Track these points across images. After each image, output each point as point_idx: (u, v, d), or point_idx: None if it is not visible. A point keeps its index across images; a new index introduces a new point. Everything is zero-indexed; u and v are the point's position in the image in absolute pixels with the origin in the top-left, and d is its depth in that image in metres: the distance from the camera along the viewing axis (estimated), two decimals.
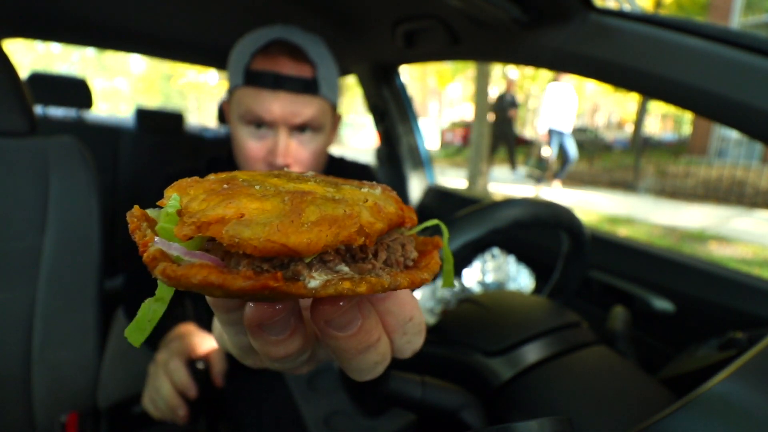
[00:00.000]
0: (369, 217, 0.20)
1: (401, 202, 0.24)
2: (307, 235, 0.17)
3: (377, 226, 0.19)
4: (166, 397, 0.63)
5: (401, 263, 0.22)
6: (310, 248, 0.17)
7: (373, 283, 0.19)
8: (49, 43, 1.88)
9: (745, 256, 3.97)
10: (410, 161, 1.55)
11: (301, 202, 0.18)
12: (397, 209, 0.22)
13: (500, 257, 1.08)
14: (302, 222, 0.17)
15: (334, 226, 0.18)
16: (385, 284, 0.19)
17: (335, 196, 0.20)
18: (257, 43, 0.76)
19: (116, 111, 31.02)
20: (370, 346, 0.23)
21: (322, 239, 0.17)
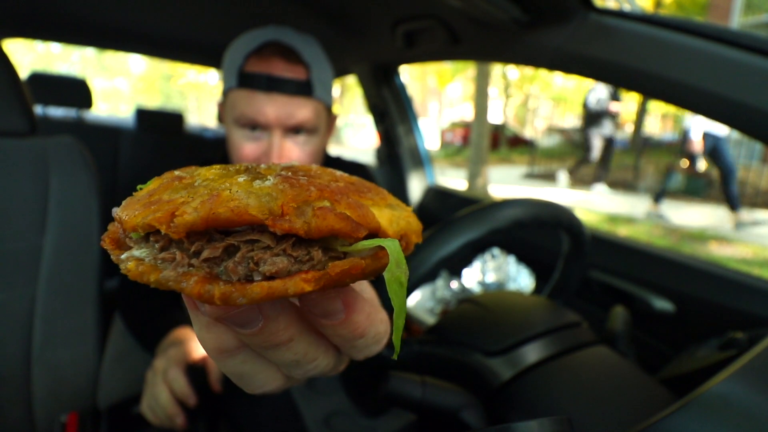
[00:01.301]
0: (191, 207, 0.18)
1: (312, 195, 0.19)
2: (129, 212, 0.19)
3: (186, 218, 0.17)
4: (164, 406, 0.63)
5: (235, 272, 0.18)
6: (126, 224, 0.19)
7: (141, 272, 0.18)
8: (49, 43, 1.88)
9: (745, 256, 3.97)
10: (410, 161, 1.55)
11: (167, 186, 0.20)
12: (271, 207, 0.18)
13: (500, 257, 1.08)
14: (145, 202, 0.19)
15: (149, 208, 0.18)
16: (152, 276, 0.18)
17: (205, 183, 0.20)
18: (250, 45, 0.76)
19: (116, 111, 31.03)
20: (279, 345, 0.21)
21: (134, 218, 0.18)
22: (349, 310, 0.21)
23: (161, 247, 0.19)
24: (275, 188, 0.19)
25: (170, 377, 0.64)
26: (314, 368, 0.24)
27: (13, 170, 0.76)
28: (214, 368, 0.68)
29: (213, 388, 0.67)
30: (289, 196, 0.18)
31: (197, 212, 0.17)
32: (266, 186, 0.19)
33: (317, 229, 0.18)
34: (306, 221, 0.18)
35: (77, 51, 25.66)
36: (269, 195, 0.18)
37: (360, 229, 0.19)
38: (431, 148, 16.40)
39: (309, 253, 0.19)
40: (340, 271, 0.19)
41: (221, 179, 0.19)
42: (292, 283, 0.18)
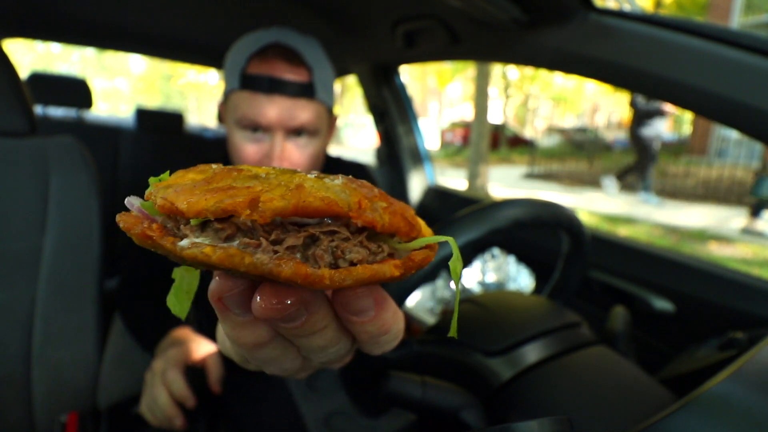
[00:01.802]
0: (277, 194, 0.18)
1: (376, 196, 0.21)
2: (192, 198, 0.18)
3: (276, 203, 0.17)
4: (163, 407, 0.63)
5: (322, 258, 0.19)
6: (189, 209, 0.17)
7: (230, 254, 0.17)
8: (49, 43, 1.88)
9: (745, 256, 3.97)
10: (410, 161, 1.55)
11: (225, 174, 0.19)
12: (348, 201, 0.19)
13: (500, 257, 1.08)
14: (205, 188, 0.18)
15: (221, 193, 0.18)
16: (247, 261, 0.17)
17: (270, 175, 0.20)
18: (253, 47, 0.76)
19: (116, 111, 31.03)
20: (314, 333, 0.22)
21: (201, 203, 0.17)
22: (378, 308, 0.22)
23: (228, 235, 0.18)
24: (347, 186, 0.20)
25: (169, 378, 0.64)
26: (336, 352, 0.25)
27: (13, 170, 0.76)
28: (213, 369, 0.68)
29: (212, 389, 0.67)
30: (362, 194, 0.20)
31: (286, 199, 0.18)
32: (337, 184, 0.20)
33: (390, 225, 0.20)
34: (381, 218, 0.20)
35: (77, 51, 25.67)
36: (344, 192, 0.19)
37: (414, 229, 0.22)
38: (431, 148, 16.41)
39: (380, 246, 0.21)
40: (420, 259, 0.22)
41: (285, 175, 0.20)
42: (387, 267, 0.20)
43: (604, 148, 14.25)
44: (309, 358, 0.26)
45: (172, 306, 0.25)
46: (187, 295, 0.26)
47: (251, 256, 0.17)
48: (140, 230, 0.19)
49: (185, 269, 0.26)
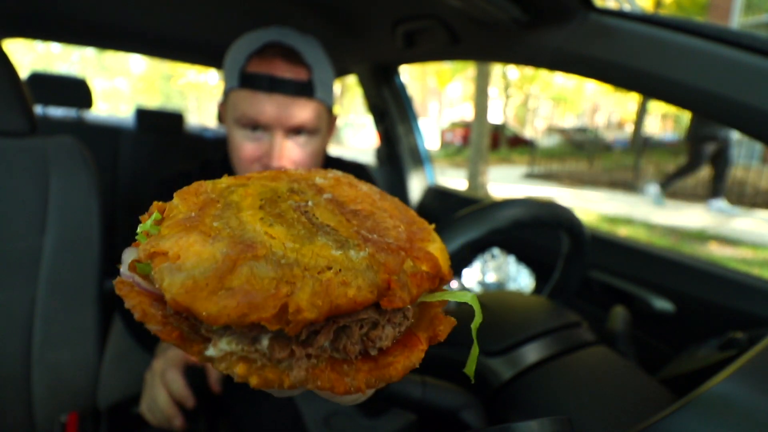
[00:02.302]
0: (305, 299, 0.17)
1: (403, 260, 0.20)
2: (213, 307, 0.16)
3: (306, 315, 0.16)
4: (162, 407, 0.63)
5: (353, 351, 0.19)
6: (210, 320, 0.16)
7: (268, 379, 0.17)
8: (49, 43, 1.88)
9: (745, 256, 3.97)
10: (410, 161, 1.55)
11: (238, 258, 0.17)
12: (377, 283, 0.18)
13: (500, 257, 1.08)
14: (220, 287, 0.16)
15: (245, 304, 0.16)
16: (286, 384, 0.17)
17: (289, 254, 0.18)
18: (252, 46, 0.76)
19: (116, 111, 31.03)
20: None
21: (224, 316, 0.16)
22: None
23: (253, 337, 0.17)
24: (373, 260, 0.19)
25: (168, 379, 0.64)
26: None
27: (13, 170, 0.76)
28: (213, 369, 0.68)
29: (212, 389, 0.67)
30: (390, 267, 0.20)
31: (317, 308, 0.17)
32: (363, 257, 0.19)
33: (417, 297, 0.21)
34: (409, 292, 0.20)
35: (77, 51, 25.67)
36: (371, 269, 0.19)
37: (436, 280, 0.22)
38: (431, 148, 16.41)
39: (405, 314, 0.21)
40: (446, 333, 0.22)
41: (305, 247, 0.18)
42: (415, 356, 0.21)
43: (604, 148, 14.24)
44: None
45: None
46: None
47: (289, 377, 0.17)
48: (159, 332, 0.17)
49: None
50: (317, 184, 0.25)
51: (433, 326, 0.22)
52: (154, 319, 0.17)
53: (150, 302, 0.18)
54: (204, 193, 0.21)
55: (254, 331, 0.17)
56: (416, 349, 0.21)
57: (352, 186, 0.26)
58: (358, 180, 0.28)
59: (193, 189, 0.22)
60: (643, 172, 8.40)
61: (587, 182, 8.25)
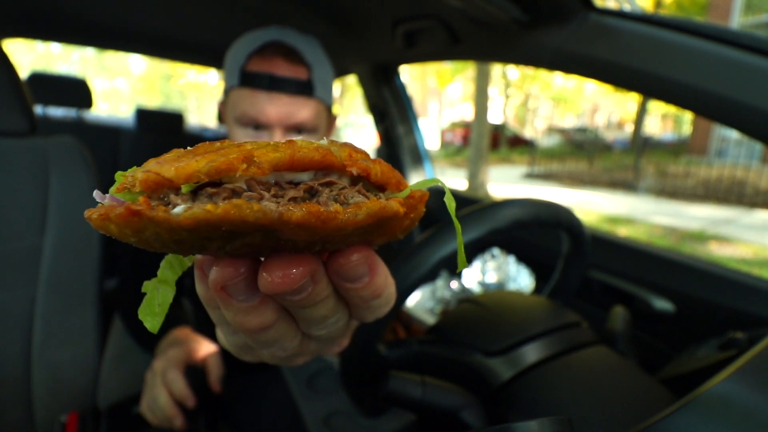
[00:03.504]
0: (271, 146, 0.17)
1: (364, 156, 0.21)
2: (181, 164, 0.16)
3: (272, 155, 0.17)
4: (163, 407, 0.63)
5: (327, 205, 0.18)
6: (178, 174, 0.16)
7: (235, 204, 0.16)
8: (49, 43, 1.88)
9: (745, 256, 3.97)
10: (410, 161, 1.55)
11: (207, 146, 0.18)
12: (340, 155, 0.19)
13: (500, 257, 1.08)
14: (190, 155, 0.17)
15: (212, 154, 0.16)
16: (255, 208, 0.16)
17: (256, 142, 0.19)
18: (253, 45, 0.76)
19: (116, 111, 31.02)
20: (318, 302, 0.23)
21: (192, 165, 0.16)
22: (372, 274, 0.23)
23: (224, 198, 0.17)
24: (334, 144, 0.20)
25: (169, 379, 0.64)
26: (334, 323, 0.26)
27: (13, 170, 0.76)
28: (213, 369, 0.68)
29: (213, 389, 0.67)
30: (350, 148, 0.20)
31: (281, 151, 0.17)
32: (325, 143, 0.20)
33: (382, 174, 0.21)
34: (372, 168, 0.20)
35: (77, 51, 25.67)
36: (333, 146, 0.19)
37: (402, 182, 0.22)
38: (431, 148, 16.41)
39: (377, 194, 0.21)
40: (419, 195, 0.22)
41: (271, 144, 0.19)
42: (394, 203, 0.20)
43: (604, 148, 14.25)
44: (309, 334, 0.26)
45: (144, 320, 0.24)
46: (160, 308, 0.24)
47: (258, 204, 0.16)
48: (122, 210, 0.16)
49: (158, 281, 0.24)
50: None
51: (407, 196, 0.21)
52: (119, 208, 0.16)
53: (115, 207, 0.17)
54: None
55: (224, 194, 0.17)
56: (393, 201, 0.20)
57: None
58: None
59: None
60: (643, 172, 8.40)
61: (587, 182, 8.26)
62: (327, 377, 0.78)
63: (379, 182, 0.21)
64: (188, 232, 0.16)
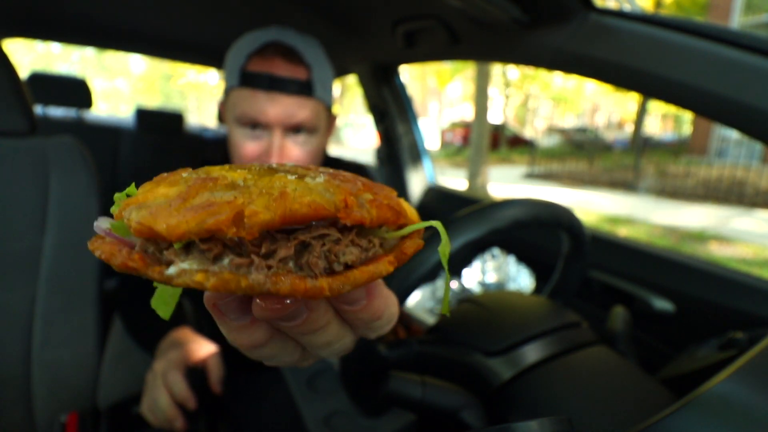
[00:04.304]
0: (262, 204, 0.17)
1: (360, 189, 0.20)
2: (172, 220, 0.16)
3: (261, 217, 0.17)
4: (164, 409, 0.63)
5: (317, 266, 0.19)
6: (170, 233, 0.16)
7: (224, 279, 0.17)
8: (49, 43, 1.88)
9: (745, 256, 3.97)
10: (410, 161, 1.55)
11: (200, 187, 0.18)
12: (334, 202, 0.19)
13: (500, 257, 1.08)
14: (182, 207, 0.17)
15: (203, 212, 0.16)
16: (243, 284, 0.17)
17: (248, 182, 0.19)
18: (253, 45, 0.77)
19: (116, 111, 31.02)
20: (316, 330, 0.23)
21: (183, 226, 0.16)
22: (370, 297, 0.23)
23: (216, 255, 0.17)
24: (330, 184, 0.20)
25: (170, 380, 0.64)
26: (341, 347, 0.26)
27: (13, 170, 0.76)
28: (213, 369, 0.68)
29: (213, 390, 0.67)
30: (347, 191, 0.20)
31: (271, 211, 0.17)
32: (320, 183, 0.19)
33: (377, 219, 0.20)
34: (368, 212, 0.20)
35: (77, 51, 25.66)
36: (328, 191, 0.19)
37: (401, 216, 0.22)
38: (431, 148, 16.41)
39: (370, 240, 0.21)
40: (412, 251, 0.22)
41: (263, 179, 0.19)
42: (382, 265, 0.20)
43: (604, 148, 14.26)
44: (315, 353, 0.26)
45: (157, 307, 0.25)
46: (172, 297, 0.25)
47: (247, 279, 0.17)
48: (120, 261, 0.18)
49: None
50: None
51: (399, 248, 0.22)
52: (119, 256, 0.18)
53: (119, 247, 0.19)
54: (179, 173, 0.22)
55: (215, 250, 0.17)
56: (383, 260, 0.20)
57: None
58: None
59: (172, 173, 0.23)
60: (643, 172, 8.40)
61: (587, 182, 8.26)
62: (327, 377, 0.78)
63: (374, 225, 0.20)
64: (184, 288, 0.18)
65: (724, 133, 10.58)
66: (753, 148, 9.52)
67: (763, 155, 9.24)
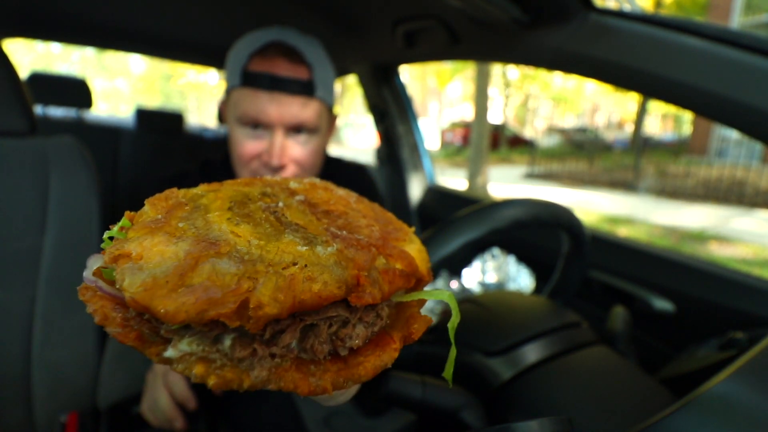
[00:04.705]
0: (267, 294, 0.16)
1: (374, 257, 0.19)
2: (171, 304, 0.15)
3: (268, 311, 0.16)
4: (164, 409, 0.63)
5: (321, 351, 0.18)
6: (168, 317, 0.15)
7: (226, 379, 0.16)
8: (49, 43, 1.88)
9: (745, 256, 3.97)
10: (410, 161, 1.55)
11: (201, 256, 0.17)
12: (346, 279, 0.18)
13: (500, 257, 1.08)
14: (180, 284, 0.16)
15: (204, 300, 0.15)
16: (246, 384, 0.16)
17: (254, 250, 0.17)
18: (254, 45, 0.77)
19: (116, 111, 31.01)
20: None
21: (182, 314, 0.15)
22: None
23: (216, 335, 0.17)
24: (342, 256, 0.19)
25: (170, 380, 0.64)
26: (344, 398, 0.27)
27: (13, 170, 0.76)
28: None
29: (213, 390, 0.67)
30: (359, 263, 0.19)
31: (279, 303, 0.16)
32: (331, 253, 0.19)
33: (389, 294, 0.20)
34: (380, 289, 0.19)
35: (77, 51, 25.64)
36: (339, 265, 0.18)
37: (412, 279, 0.21)
38: (431, 148, 16.41)
39: (378, 314, 0.20)
40: (421, 332, 0.21)
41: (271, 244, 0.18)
42: (387, 355, 0.19)
43: (604, 148, 14.25)
44: None
45: None
46: None
47: (249, 377, 0.16)
48: (116, 334, 0.17)
49: None
50: (291, 188, 0.24)
51: (408, 325, 0.21)
52: (114, 322, 0.17)
53: (112, 306, 0.17)
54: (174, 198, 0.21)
55: (216, 330, 0.17)
56: (388, 348, 0.20)
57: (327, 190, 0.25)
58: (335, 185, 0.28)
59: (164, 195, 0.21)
60: (643, 172, 8.40)
61: (587, 182, 8.26)
62: None
63: (387, 297, 0.20)
64: None
65: (724, 133, 10.58)
66: (753, 148, 9.52)
67: (763, 155, 9.24)
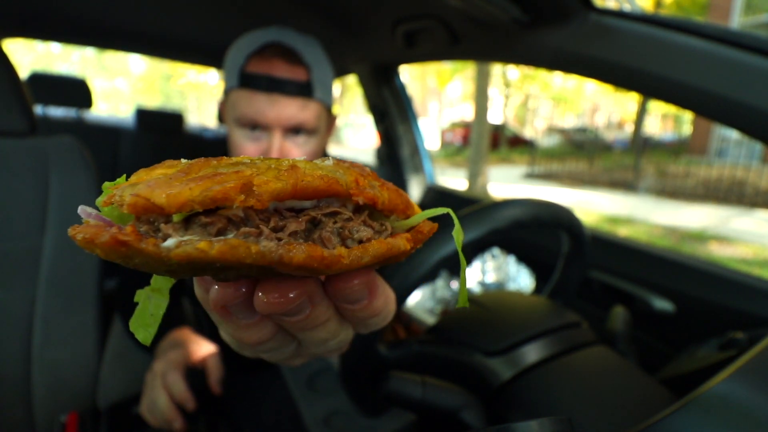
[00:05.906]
0: (269, 176, 0.16)
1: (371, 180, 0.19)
2: (174, 189, 0.15)
3: (272, 185, 0.15)
4: (163, 410, 0.63)
5: (330, 241, 0.17)
6: (170, 202, 0.14)
7: (231, 245, 0.14)
8: (49, 43, 1.88)
9: (745, 256, 3.97)
10: (410, 161, 1.55)
11: (203, 164, 0.17)
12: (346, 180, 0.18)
13: (500, 257, 1.08)
14: (184, 179, 0.15)
15: (207, 180, 0.15)
16: (253, 250, 0.15)
17: (256, 162, 0.17)
18: (252, 46, 0.76)
19: (116, 111, 31.01)
20: (317, 326, 0.23)
21: (185, 193, 0.14)
22: (372, 296, 0.23)
23: (219, 230, 0.16)
24: (339, 166, 0.19)
25: (169, 381, 0.63)
26: (336, 344, 0.26)
27: (13, 170, 0.76)
28: (213, 370, 0.68)
29: (213, 390, 0.67)
30: (357, 173, 0.19)
31: (283, 180, 0.15)
32: (329, 165, 0.19)
33: (389, 202, 0.20)
34: (380, 194, 0.19)
35: (77, 51, 25.65)
36: (338, 171, 0.18)
37: (410, 206, 0.21)
38: (431, 148, 16.41)
39: (382, 224, 0.20)
40: (428, 230, 0.21)
41: (271, 160, 0.18)
42: (401, 240, 0.19)
43: (604, 148, 14.26)
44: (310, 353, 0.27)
45: (136, 331, 0.22)
46: (153, 318, 0.23)
47: (257, 245, 0.15)
48: (108, 237, 0.15)
49: (151, 290, 0.23)
50: None
51: (415, 228, 0.21)
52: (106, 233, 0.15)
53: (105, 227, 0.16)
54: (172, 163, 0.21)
55: (219, 224, 0.16)
56: (401, 236, 0.19)
57: None
58: None
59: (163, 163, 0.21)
60: (643, 172, 8.40)
61: (587, 182, 8.26)
62: (327, 377, 0.78)
63: (386, 210, 0.20)
64: (180, 265, 0.15)
65: (724, 133, 10.59)
66: (753, 148, 9.52)
67: (763, 155, 9.24)
